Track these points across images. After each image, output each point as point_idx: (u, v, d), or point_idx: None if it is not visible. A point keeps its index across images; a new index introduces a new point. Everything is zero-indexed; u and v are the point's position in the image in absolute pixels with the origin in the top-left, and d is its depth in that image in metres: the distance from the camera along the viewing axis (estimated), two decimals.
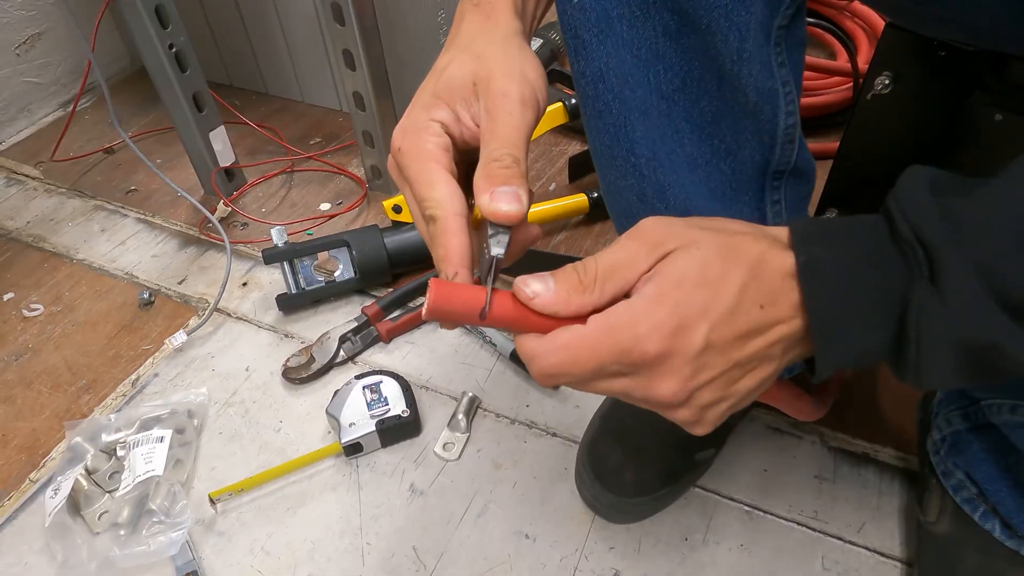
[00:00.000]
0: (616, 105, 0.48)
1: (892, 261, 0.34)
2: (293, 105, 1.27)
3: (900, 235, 0.33)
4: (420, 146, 0.40)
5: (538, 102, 0.40)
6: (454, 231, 0.38)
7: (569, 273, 0.36)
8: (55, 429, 0.79)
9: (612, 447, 0.68)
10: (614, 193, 0.54)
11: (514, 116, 0.39)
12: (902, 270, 0.34)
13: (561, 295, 0.35)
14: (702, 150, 0.50)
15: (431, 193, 0.38)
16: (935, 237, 0.32)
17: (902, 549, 0.65)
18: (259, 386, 0.82)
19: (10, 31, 1.19)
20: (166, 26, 0.90)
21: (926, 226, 0.33)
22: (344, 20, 0.88)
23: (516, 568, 0.65)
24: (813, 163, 0.57)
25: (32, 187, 1.13)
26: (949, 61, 0.66)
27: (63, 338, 0.89)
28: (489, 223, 0.38)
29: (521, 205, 0.37)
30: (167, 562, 0.66)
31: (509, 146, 0.38)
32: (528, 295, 0.36)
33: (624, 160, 0.51)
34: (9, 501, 0.73)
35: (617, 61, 0.47)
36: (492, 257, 0.37)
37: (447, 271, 0.38)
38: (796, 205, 0.56)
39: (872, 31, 1.20)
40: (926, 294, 0.33)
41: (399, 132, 0.41)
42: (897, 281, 0.34)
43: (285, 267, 0.88)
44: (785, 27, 0.46)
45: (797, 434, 0.74)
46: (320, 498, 0.71)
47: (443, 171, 0.39)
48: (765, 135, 0.50)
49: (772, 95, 0.48)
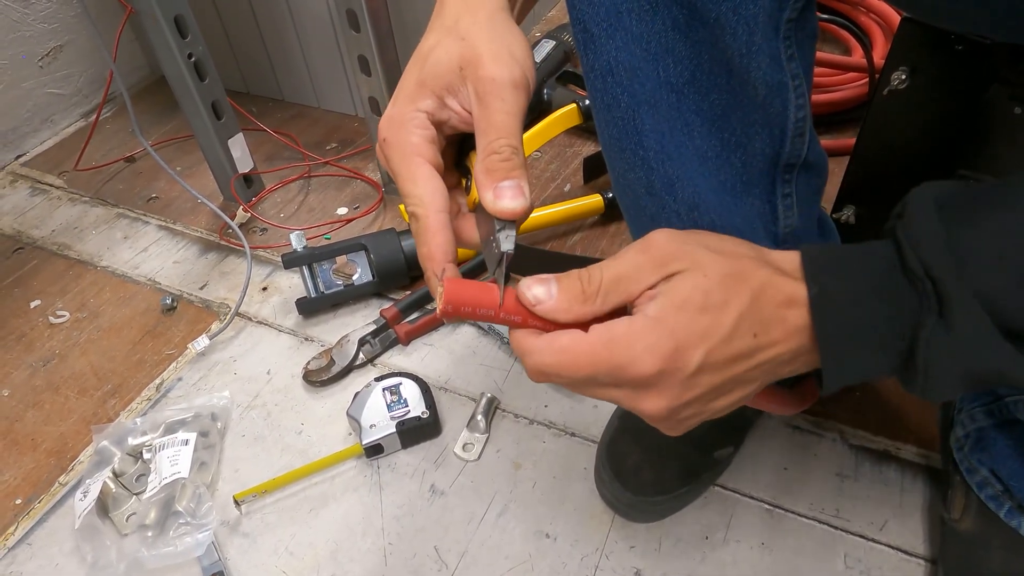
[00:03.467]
0: (625, 98, 0.48)
1: (903, 293, 0.35)
2: (309, 111, 1.28)
3: (910, 268, 0.34)
4: (404, 139, 0.40)
5: (528, 82, 0.40)
6: (435, 230, 0.38)
7: (573, 282, 0.36)
8: (83, 433, 0.81)
9: (631, 446, 0.68)
10: (623, 186, 0.54)
11: (506, 101, 0.38)
12: (912, 303, 0.35)
13: (563, 303, 0.36)
14: (712, 143, 0.50)
15: (414, 189, 0.39)
16: (943, 272, 0.33)
17: (925, 547, 0.64)
18: (280, 389, 0.83)
19: (33, 43, 1.22)
20: (185, 36, 0.92)
21: (934, 261, 0.34)
22: (359, 26, 0.89)
23: (537, 567, 0.66)
24: (825, 157, 0.57)
25: (56, 196, 1.15)
26: (966, 55, 0.65)
27: (89, 344, 0.91)
28: (495, 219, 0.38)
29: (525, 199, 0.37)
30: (194, 563, 0.67)
31: (506, 135, 0.38)
32: (530, 300, 0.36)
33: (633, 153, 0.51)
34: (40, 504, 0.75)
35: (626, 54, 0.47)
36: (502, 253, 0.37)
37: (433, 269, 0.38)
38: (808, 199, 0.55)
39: (888, 26, 1.19)
40: (934, 327, 0.34)
41: (385, 122, 0.41)
42: (907, 313, 0.35)
43: (304, 271, 0.89)
44: (794, 20, 0.46)
45: (818, 432, 0.73)
46: (342, 499, 0.72)
47: (425, 166, 0.39)
48: (775, 128, 0.50)
49: (782, 88, 0.48)
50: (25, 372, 0.88)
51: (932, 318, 0.34)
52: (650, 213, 0.53)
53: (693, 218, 0.51)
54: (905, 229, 0.35)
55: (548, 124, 0.97)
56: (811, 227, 0.58)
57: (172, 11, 0.89)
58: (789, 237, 0.55)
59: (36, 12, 1.21)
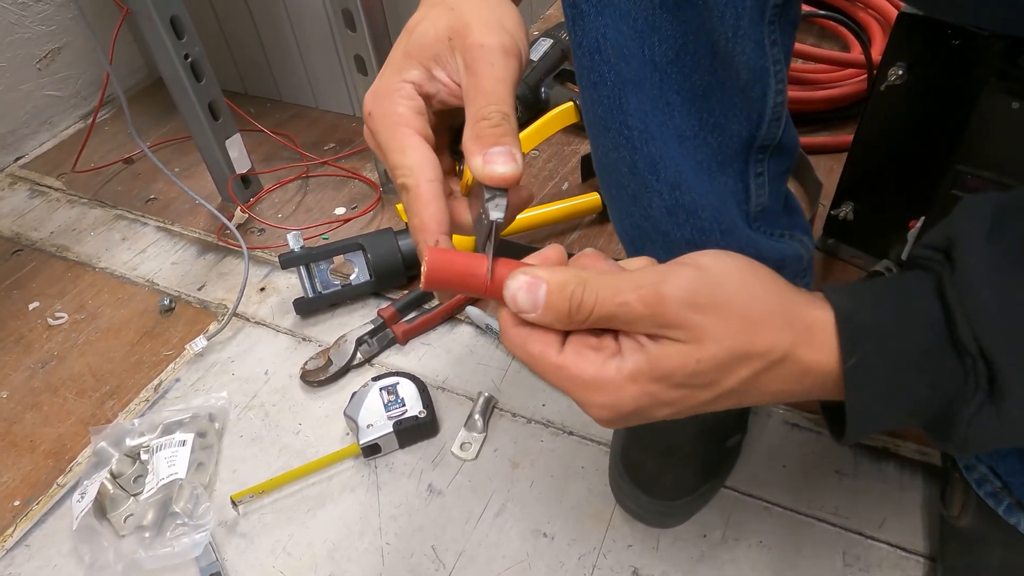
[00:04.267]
0: (611, 76, 0.48)
1: (947, 366, 0.32)
2: (307, 111, 1.28)
3: (961, 342, 0.31)
4: (391, 110, 0.38)
5: (519, 51, 0.38)
6: (428, 199, 0.36)
7: (562, 301, 0.33)
8: (81, 434, 0.81)
9: (644, 453, 0.67)
10: (606, 165, 0.54)
11: (496, 68, 0.36)
12: (957, 378, 0.32)
13: (546, 321, 0.34)
14: (691, 123, 0.50)
15: (403, 160, 0.37)
16: (1000, 355, 0.31)
17: (925, 544, 0.64)
18: (278, 389, 0.83)
19: (31, 46, 1.22)
20: (181, 37, 0.92)
21: (993, 343, 0.31)
22: (355, 26, 0.89)
23: (535, 567, 0.66)
24: (798, 140, 0.58)
25: (55, 198, 1.16)
26: (963, 50, 0.65)
27: (87, 345, 0.91)
28: (484, 187, 0.36)
29: (516, 164, 0.35)
30: (191, 563, 0.67)
31: (496, 101, 0.36)
32: (512, 307, 0.34)
33: (617, 132, 0.50)
34: (38, 505, 0.75)
35: (614, 32, 0.46)
36: (491, 222, 0.35)
37: (426, 240, 0.36)
38: (778, 178, 0.56)
39: (886, 22, 1.19)
40: (981, 408, 0.32)
41: (370, 96, 0.39)
42: (950, 386, 0.32)
43: (302, 271, 0.89)
44: (780, 6, 0.46)
45: (816, 429, 0.73)
46: (340, 499, 0.72)
47: (414, 135, 0.37)
48: (754, 112, 0.50)
49: (763, 74, 0.48)
50: (24, 374, 0.88)
51: (979, 397, 0.32)
52: (631, 192, 0.53)
53: (675, 197, 0.51)
54: (959, 291, 0.31)
55: (545, 122, 0.97)
56: (778, 205, 0.58)
57: (168, 12, 0.89)
58: (760, 215, 0.56)
59: (33, 15, 1.21)
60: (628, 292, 0.33)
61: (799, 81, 1.12)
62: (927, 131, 0.72)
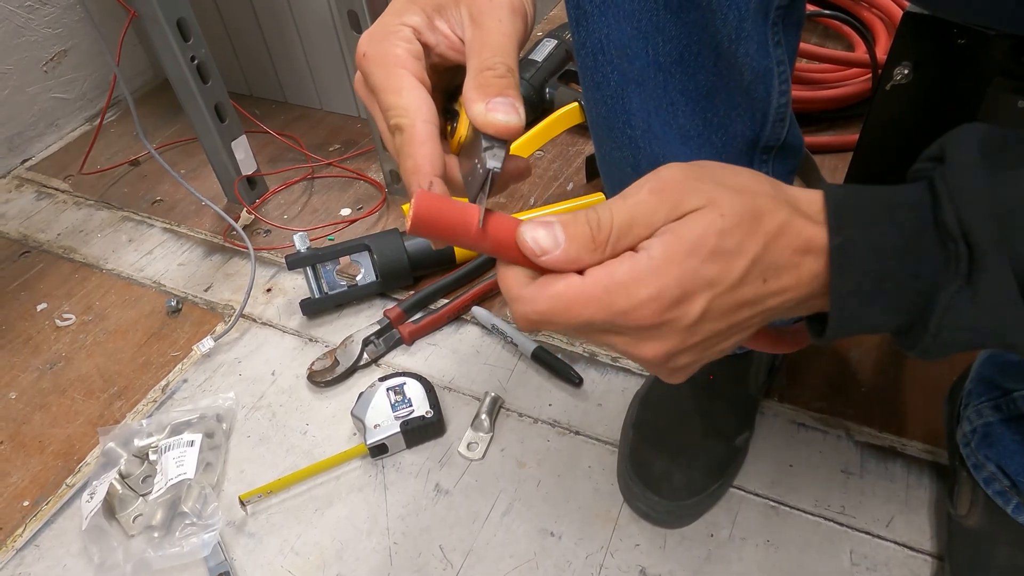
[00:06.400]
0: (615, 76, 0.48)
1: (930, 252, 0.32)
2: (312, 113, 1.29)
3: (946, 227, 0.31)
4: (388, 51, 0.36)
5: (526, 12, 0.37)
6: (423, 139, 0.34)
7: (582, 228, 0.33)
8: (89, 435, 0.81)
9: (653, 453, 0.67)
10: (609, 164, 0.54)
11: (504, 23, 0.35)
12: (937, 262, 0.32)
13: (571, 254, 0.32)
14: (695, 123, 0.50)
15: (397, 100, 0.35)
16: (983, 237, 0.31)
17: (932, 543, 0.64)
18: (285, 390, 0.83)
19: (38, 49, 1.23)
20: (188, 39, 0.92)
21: (977, 225, 0.31)
22: (361, 27, 0.89)
23: (542, 566, 0.66)
24: (802, 139, 0.57)
25: (62, 200, 1.16)
26: (968, 48, 0.65)
27: (95, 346, 0.91)
28: (483, 137, 0.34)
29: (519, 117, 0.34)
30: (200, 563, 0.68)
31: (501, 54, 0.35)
32: (533, 250, 0.33)
33: (620, 132, 0.51)
34: (47, 506, 0.75)
35: (618, 32, 0.46)
36: (487, 170, 0.33)
37: (420, 183, 0.34)
38: (782, 178, 0.55)
39: (891, 21, 1.19)
40: (958, 292, 0.32)
41: (365, 38, 0.37)
42: (930, 274, 0.32)
43: (308, 272, 0.89)
44: (784, 7, 0.46)
45: (823, 429, 0.73)
46: (347, 499, 0.72)
47: (411, 77, 0.36)
48: (758, 113, 0.50)
49: (767, 74, 0.48)
50: (32, 375, 0.88)
51: (957, 282, 0.32)
52: None
53: None
54: (946, 180, 0.32)
55: (550, 123, 0.97)
56: None
57: (175, 14, 0.89)
58: None
59: (40, 17, 1.21)
60: (635, 193, 0.33)
61: (804, 81, 1.12)
62: (932, 130, 0.71)
